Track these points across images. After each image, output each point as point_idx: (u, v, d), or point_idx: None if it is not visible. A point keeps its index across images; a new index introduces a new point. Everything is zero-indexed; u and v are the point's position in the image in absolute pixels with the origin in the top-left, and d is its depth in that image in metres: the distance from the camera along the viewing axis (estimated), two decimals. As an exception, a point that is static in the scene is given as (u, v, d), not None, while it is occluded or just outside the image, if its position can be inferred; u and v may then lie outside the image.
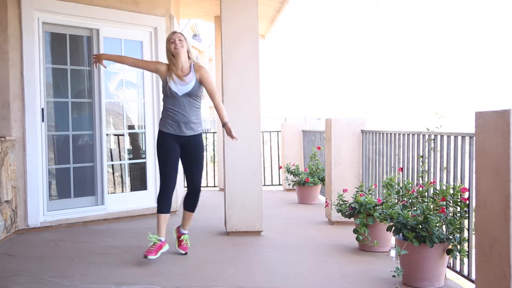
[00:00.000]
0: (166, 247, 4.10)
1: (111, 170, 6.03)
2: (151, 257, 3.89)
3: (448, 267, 3.58)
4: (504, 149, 2.38)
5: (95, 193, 5.72)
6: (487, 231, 2.54)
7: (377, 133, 5.07)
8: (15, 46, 5.04)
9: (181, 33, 4.18)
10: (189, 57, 4.16)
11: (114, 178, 6.10)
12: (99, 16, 5.61)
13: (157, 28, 6.03)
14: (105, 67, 4.65)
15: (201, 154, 4.26)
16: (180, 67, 4.11)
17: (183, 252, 4.29)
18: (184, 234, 4.36)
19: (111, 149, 6.06)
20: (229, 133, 4.18)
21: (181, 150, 4.20)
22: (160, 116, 4.21)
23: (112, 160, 6.03)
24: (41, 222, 5.22)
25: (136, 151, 6.33)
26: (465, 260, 3.44)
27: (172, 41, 4.08)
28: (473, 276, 3.12)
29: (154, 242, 4.00)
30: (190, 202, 4.32)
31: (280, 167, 8.74)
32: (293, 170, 7.30)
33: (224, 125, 4.19)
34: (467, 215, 3.37)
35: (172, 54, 4.11)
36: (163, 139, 4.16)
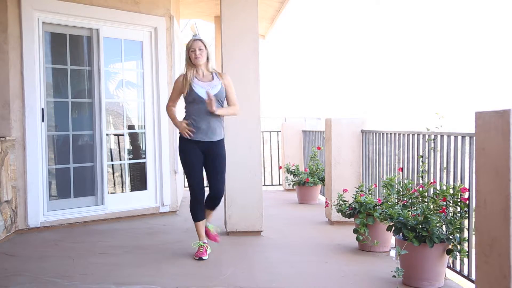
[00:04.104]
0: (209, 249, 4.26)
1: (111, 170, 6.03)
2: (204, 257, 4.11)
3: (448, 267, 3.58)
4: (504, 149, 2.38)
5: (95, 193, 5.72)
6: (487, 231, 2.54)
7: (377, 133, 5.07)
8: (15, 46, 5.04)
9: (201, 41, 4.05)
10: (208, 60, 4.08)
11: (114, 178, 6.10)
12: (99, 16, 5.61)
13: (157, 28, 6.03)
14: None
15: (224, 160, 4.22)
16: (201, 73, 4.10)
17: (217, 242, 4.34)
18: (208, 224, 4.39)
19: (111, 149, 6.06)
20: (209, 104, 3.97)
21: (204, 156, 4.16)
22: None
23: (112, 160, 6.03)
24: (41, 222, 5.22)
25: (136, 151, 6.33)
26: (465, 260, 3.44)
27: (192, 50, 4.02)
28: (473, 276, 3.12)
29: (201, 245, 4.18)
30: (210, 203, 4.29)
31: (280, 167, 8.74)
32: (293, 170, 7.30)
33: (217, 108, 4.03)
34: (467, 215, 3.37)
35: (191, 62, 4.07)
36: (186, 147, 4.12)
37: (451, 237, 3.37)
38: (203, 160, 4.17)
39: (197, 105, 4.04)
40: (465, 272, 3.44)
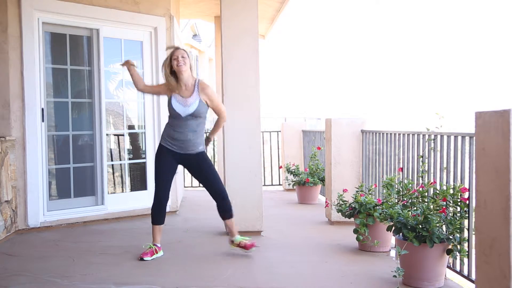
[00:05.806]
0: (161, 253, 4.21)
1: (111, 170, 6.03)
2: (146, 258, 4.08)
3: (448, 267, 3.58)
4: (504, 149, 2.39)
5: (95, 193, 5.72)
6: (487, 231, 2.54)
7: (377, 133, 5.07)
8: (15, 46, 5.04)
9: (184, 50, 4.09)
10: (190, 69, 4.08)
11: (114, 178, 6.10)
12: (99, 16, 5.61)
13: (157, 28, 6.03)
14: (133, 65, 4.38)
15: (210, 164, 4.23)
16: (184, 86, 4.06)
17: (252, 250, 4.24)
18: (236, 238, 4.30)
19: (111, 149, 6.06)
20: (207, 143, 4.34)
21: (185, 167, 4.26)
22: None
23: (112, 160, 6.03)
24: (41, 222, 5.22)
25: (136, 151, 6.33)
26: (465, 260, 3.44)
27: (175, 58, 4.00)
28: (473, 276, 3.12)
29: (150, 247, 4.17)
30: (222, 210, 4.25)
31: (280, 167, 8.74)
32: (293, 170, 7.30)
33: (208, 138, 4.36)
34: (467, 215, 3.37)
35: (174, 72, 4.04)
36: (161, 153, 4.18)
37: (451, 237, 3.37)
38: (175, 168, 4.21)
39: (177, 119, 4.08)
40: (465, 272, 3.44)
